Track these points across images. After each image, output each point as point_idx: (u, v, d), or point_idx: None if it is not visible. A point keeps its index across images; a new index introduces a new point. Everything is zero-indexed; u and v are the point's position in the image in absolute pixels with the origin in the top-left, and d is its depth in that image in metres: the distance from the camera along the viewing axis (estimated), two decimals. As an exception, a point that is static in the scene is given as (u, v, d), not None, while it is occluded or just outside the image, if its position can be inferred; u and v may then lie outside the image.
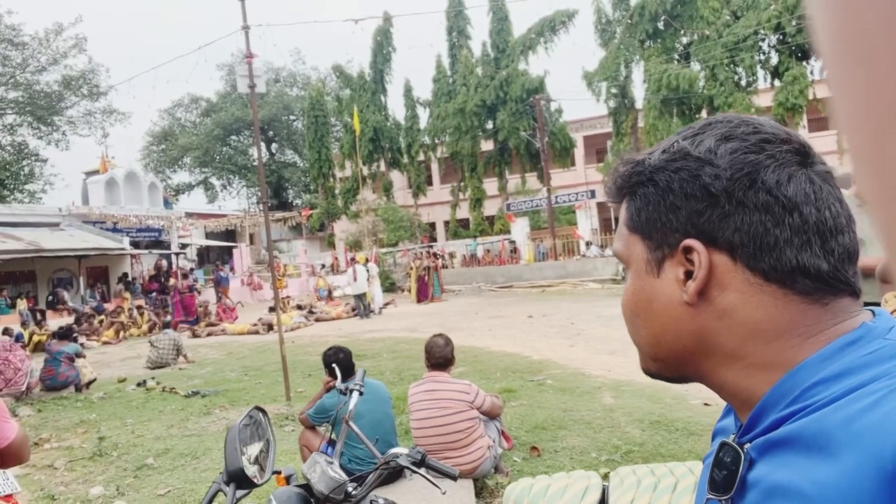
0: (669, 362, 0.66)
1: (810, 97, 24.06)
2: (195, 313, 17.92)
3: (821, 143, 27.84)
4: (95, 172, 26.85)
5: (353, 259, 19.37)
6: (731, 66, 25.18)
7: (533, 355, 8.74)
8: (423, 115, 35.14)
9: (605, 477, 2.19)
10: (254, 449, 1.47)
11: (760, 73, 25.57)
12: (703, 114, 26.07)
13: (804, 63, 24.48)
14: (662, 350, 0.65)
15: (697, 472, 1.92)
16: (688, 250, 0.61)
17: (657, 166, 0.64)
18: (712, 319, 0.61)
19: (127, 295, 20.09)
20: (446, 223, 36.88)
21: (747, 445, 0.60)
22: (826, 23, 0.24)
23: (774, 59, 25.30)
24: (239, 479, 1.29)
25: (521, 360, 8.51)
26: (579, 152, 34.80)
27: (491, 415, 4.10)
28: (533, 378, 7.21)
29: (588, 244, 24.91)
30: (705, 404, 5.63)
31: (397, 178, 36.90)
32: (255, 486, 1.42)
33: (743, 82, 25.62)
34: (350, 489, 1.99)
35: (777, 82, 25.03)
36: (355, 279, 16.62)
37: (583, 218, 26.06)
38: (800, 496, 0.51)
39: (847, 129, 0.25)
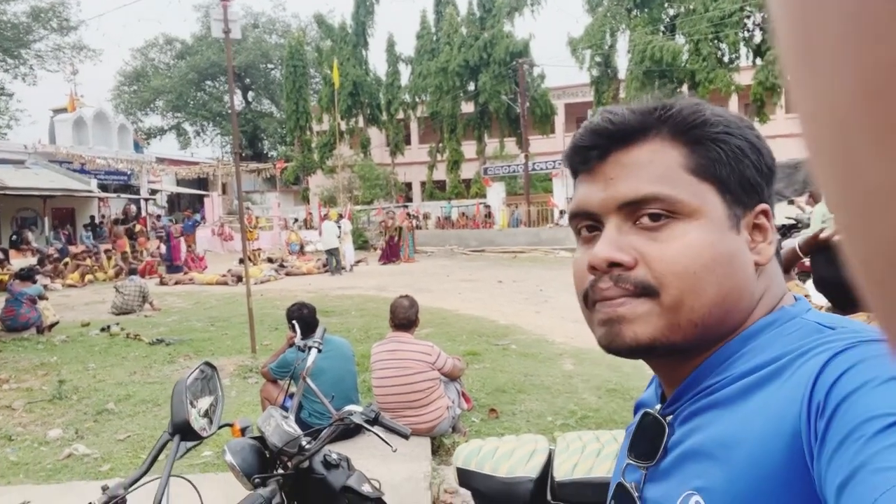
0: (711, 327, 0.61)
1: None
2: (179, 259, 17.68)
3: (797, 124, 28.19)
4: (63, 110, 25.97)
5: (325, 215, 19.20)
6: (716, 41, 25.15)
7: (500, 320, 8.86)
8: (405, 72, 34.53)
9: (553, 440, 2.26)
10: (203, 402, 1.49)
11: (743, 50, 25.60)
12: (685, 88, 26.11)
13: (787, 43, 24.50)
14: (720, 311, 0.60)
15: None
16: (764, 213, 0.65)
17: (728, 123, 0.64)
18: (762, 283, 0.64)
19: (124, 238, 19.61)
20: (423, 184, 36.69)
21: (669, 417, 0.64)
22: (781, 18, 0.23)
23: (758, 38, 25.31)
24: (184, 431, 1.31)
25: (488, 323, 8.62)
26: (559, 120, 34.64)
27: (451, 376, 4.18)
28: (498, 342, 7.33)
29: (562, 213, 25.04)
30: (661, 375, 5.80)
31: (375, 135, 36.41)
32: (202, 438, 1.44)
33: (725, 58, 25.64)
34: (304, 443, 2.03)
35: (759, 61, 25.10)
36: (320, 234, 16.56)
37: (559, 186, 26.12)
38: (709, 457, 0.56)
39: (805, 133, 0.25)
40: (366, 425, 1.98)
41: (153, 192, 28.02)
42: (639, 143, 0.64)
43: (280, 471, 2.04)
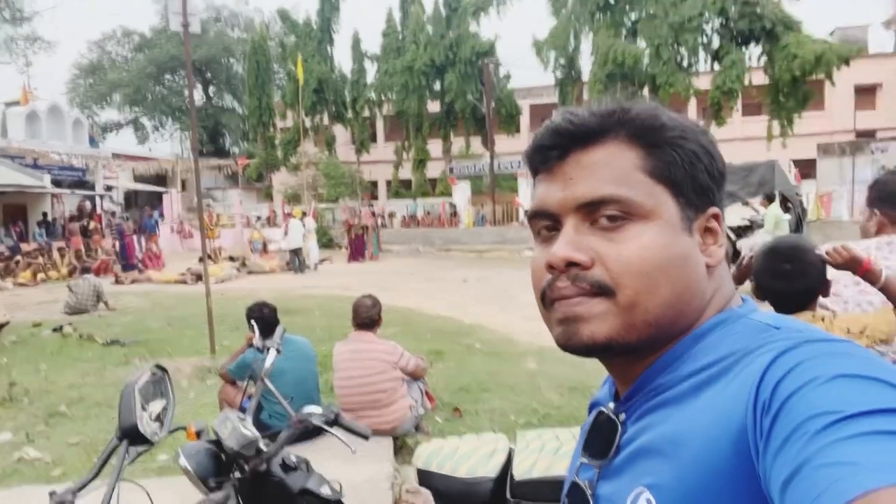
0: (665, 326, 0.62)
1: (746, 82, 24.84)
2: (133, 257, 17.22)
3: (753, 128, 28.95)
4: (16, 104, 25.14)
5: (289, 214, 18.95)
6: (675, 45, 25.65)
7: (465, 319, 8.88)
8: (371, 70, 34.32)
9: (514, 439, 2.27)
10: (154, 406, 1.45)
11: (702, 55, 26.18)
12: (646, 91, 26.55)
13: (743, 48, 25.20)
14: (673, 311, 0.62)
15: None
16: (715, 217, 0.66)
17: (683, 128, 0.65)
18: (713, 284, 0.65)
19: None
20: (388, 182, 36.53)
21: (622, 415, 0.65)
22: None
23: (716, 43, 25.90)
24: (133, 436, 1.28)
25: (453, 323, 8.64)
26: (525, 120, 34.88)
27: (415, 376, 4.18)
28: (462, 341, 7.35)
29: (527, 212, 25.23)
30: (622, 373, 5.88)
31: (340, 132, 36.09)
32: (152, 443, 1.41)
33: (685, 63, 26.17)
34: (262, 446, 1.99)
35: (717, 66, 25.70)
36: (286, 233, 16.35)
37: (524, 186, 26.29)
38: (659, 454, 0.57)
39: None
40: (325, 427, 1.96)
41: (109, 188, 27.23)
42: (598, 145, 0.65)
43: (237, 474, 2.00)
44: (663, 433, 0.58)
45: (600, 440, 0.67)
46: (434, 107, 32.73)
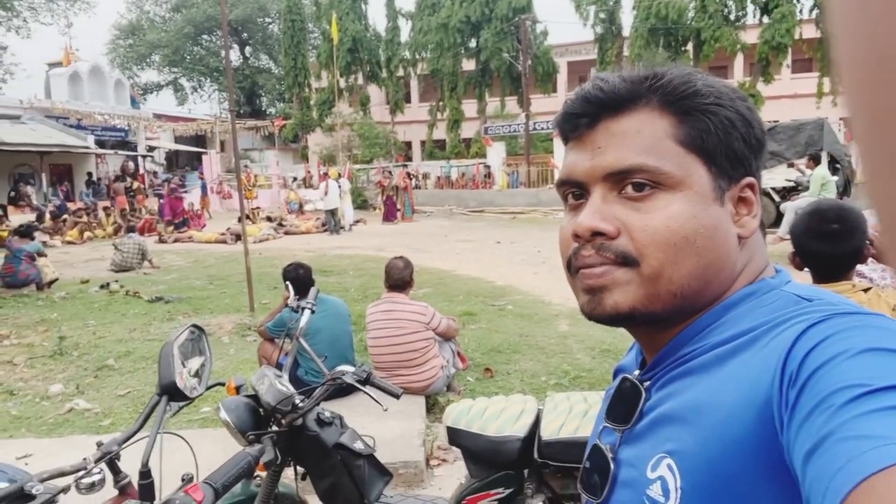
0: (690, 297, 0.62)
1: (796, 37, 23.77)
2: (182, 215, 17.67)
3: (803, 85, 27.79)
4: (58, 64, 25.59)
5: (325, 174, 19.06)
6: (723, -2, 24.61)
7: (497, 280, 8.90)
8: (405, 28, 33.88)
9: (543, 401, 2.30)
10: (193, 363, 1.51)
11: (750, 7, 25.06)
12: (689, 46, 25.64)
13: (794, 1, 24.02)
14: (700, 282, 0.61)
15: (626, 402, 2.04)
16: (750, 187, 0.65)
17: (718, 93, 0.64)
18: (745, 255, 0.65)
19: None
20: (422, 143, 36.35)
21: (647, 382, 0.66)
22: None
23: (766, -6, 24.76)
24: (172, 392, 1.34)
25: (485, 284, 8.67)
26: (562, 78, 34.12)
27: (446, 336, 4.23)
28: (494, 303, 7.38)
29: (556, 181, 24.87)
30: (655, 336, 5.85)
31: (375, 92, 35.91)
32: (190, 399, 1.47)
33: (732, 16, 25.11)
34: (297, 402, 2.06)
35: (765, 19, 24.59)
36: (326, 194, 16.49)
37: (559, 147, 25.82)
38: (681, 421, 0.58)
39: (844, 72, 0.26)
40: (357, 385, 2.02)
41: (151, 148, 27.79)
42: (628, 112, 0.64)
43: (274, 428, 2.09)
44: (687, 401, 0.59)
45: (623, 406, 0.68)
46: (469, 66, 32.23)
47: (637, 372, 0.70)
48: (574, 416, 1.97)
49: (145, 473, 1.35)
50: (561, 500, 1.97)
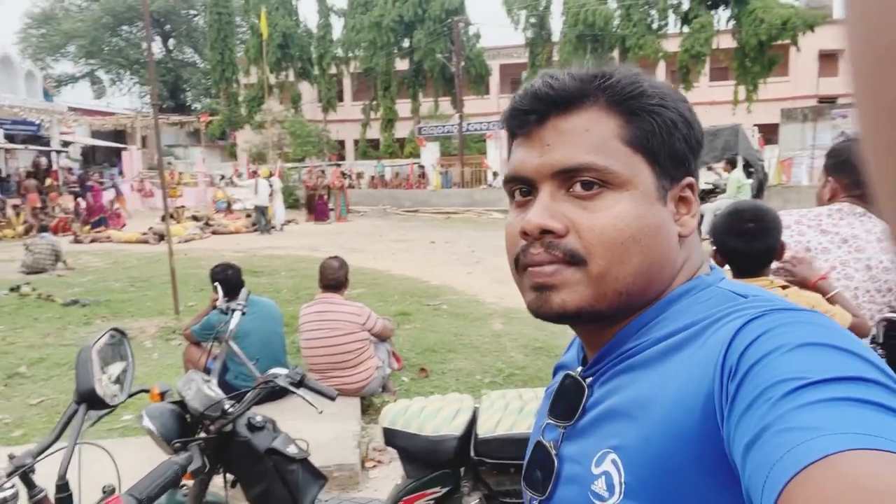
0: (635, 295, 0.63)
1: (714, 46, 24.96)
2: (100, 212, 16.75)
3: (719, 92, 29.22)
4: (-39, 53, 23.81)
5: (255, 172, 18.55)
6: (646, 7, 25.57)
7: (432, 280, 8.91)
8: (338, 25, 33.44)
9: (479, 399, 2.32)
10: (114, 369, 1.43)
11: (671, 17, 26.15)
12: (615, 53, 26.49)
13: (712, 12, 25.22)
14: (644, 280, 0.63)
15: (560, 398, 2.07)
16: (690, 187, 0.66)
17: (663, 95, 0.64)
18: (683, 252, 0.66)
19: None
20: (356, 142, 35.98)
21: (589, 379, 0.67)
22: None
23: (686, 5, 25.89)
24: (91, 400, 1.26)
25: (420, 284, 8.66)
26: (494, 81, 34.54)
27: (382, 337, 4.20)
28: (429, 302, 7.39)
29: (496, 174, 25.22)
30: (585, 334, 6.01)
31: (307, 90, 35.25)
32: (111, 407, 1.39)
33: (654, 25, 26.13)
34: (227, 407, 1.99)
35: (686, 28, 25.72)
36: (257, 192, 16.09)
37: (493, 148, 26.20)
38: (625, 416, 0.59)
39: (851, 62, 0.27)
40: (291, 388, 1.97)
41: (65, 143, 26.28)
42: (577, 110, 0.64)
43: (202, 435, 2.01)
44: (630, 396, 0.59)
45: (566, 402, 0.68)
46: (403, 65, 32.14)
47: (580, 368, 0.70)
48: (510, 412, 1.99)
49: (63, 486, 1.27)
50: (497, 497, 1.99)
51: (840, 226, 1.86)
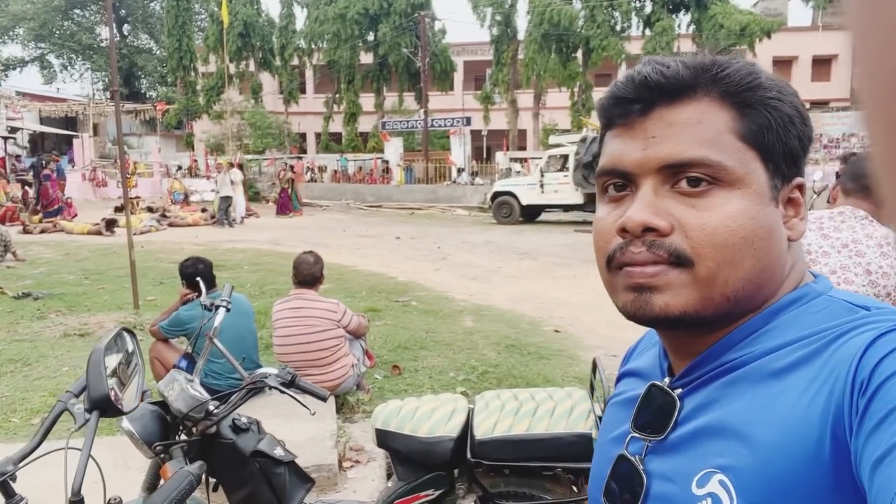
0: (742, 302, 0.59)
1: (675, 50, 25.47)
2: (57, 202, 16.09)
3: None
4: None
5: (231, 164, 18.07)
6: (610, 9, 25.92)
7: (399, 276, 8.84)
8: (301, 16, 32.90)
9: (471, 399, 2.28)
10: (115, 365, 1.33)
11: (634, 19, 26.58)
12: (579, 53, 26.78)
13: (674, 16, 25.74)
14: (753, 286, 0.58)
15: (556, 398, 2.05)
16: (799, 188, 0.62)
17: (780, 89, 0.60)
18: (790, 259, 0.62)
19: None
20: (318, 135, 35.50)
21: (679, 390, 0.62)
22: None
23: (648, 8, 26.35)
24: (104, 406, 1.16)
25: (388, 280, 8.58)
26: (458, 77, 34.56)
27: (357, 334, 4.12)
28: (398, 299, 7.32)
29: (460, 171, 25.24)
30: (556, 331, 6.04)
31: (268, 81, 34.58)
32: (122, 413, 1.30)
33: (618, 27, 26.52)
34: (212, 408, 1.90)
35: (648, 31, 26.18)
36: (232, 183, 15.85)
37: (457, 144, 26.23)
38: (734, 435, 0.55)
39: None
40: (282, 389, 1.89)
41: (13, 130, 25.18)
42: (686, 101, 0.59)
43: (183, 437, 1.91)
44: (738, 412, 0.55)
45: (651, 414, 0.64)
46: (367, 59, 31.86)
47: (667, 379, 0.66)
48: (506, 414, 1.96)
49: (77, 502, 1.17)
50: (493, 499, 1.95)
51: (841, 229, 1.88)
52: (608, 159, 0.63)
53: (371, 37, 31.19)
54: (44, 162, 17.58)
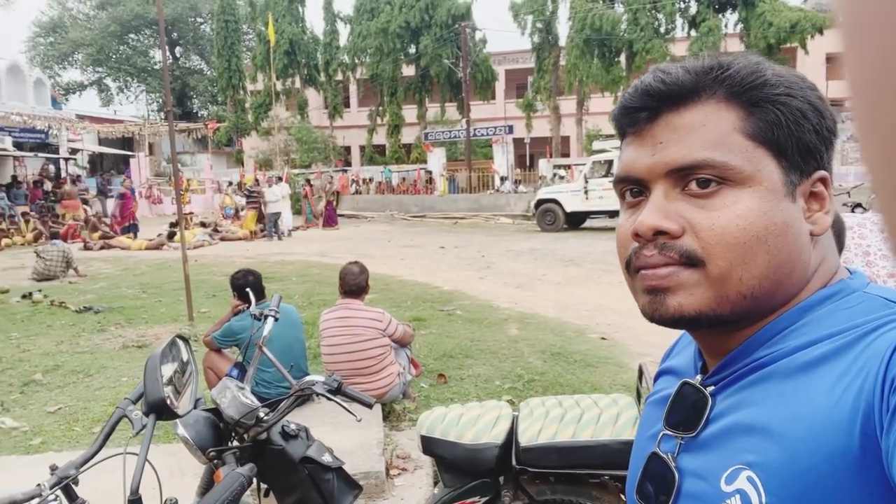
0: (761, 298, 0.59)
1: (722, 50, 24.90)
2: (130, 218, 16.88)
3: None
4: (-29, 62, 23.97)
5: (279, 178, 18.58)
6: (653, 11, 25.55)
7: (443, 285, 8.87)
8: (344, 32, 33.57)
9: (515, 406, 2.27)
10: (171, 374, 1.39)
11: (679, 21, 26.12)
12: (622, 58, 26.46)
13: (720, 15, 25.18)
14: (770, 283, 0.58)
15: (602, 405, 2.03)
16: (822, 181, 0.62)
17: (789, 84, 0.60)
18: (818, 254, 0.61)
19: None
20: (362, 148, 36.06)
21: (710, 388, 0.63)
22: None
23: (693, 9, 25.87)
24: (160, 410, 1.22)
25: (432, 289, 8.62)
26: (500, 86, 34.59)
27: (402, 343, 4.16)
28: (443, 308, 7.34)
29: (503, 179, 25.21)
30: (602, 338, 5.95)
31: (313, 96, 35.37)
32: (177, 416, 1.35)
33: (662, 29, 26.11)
34: (262, 415, 1.95)
35: (693, 32, 25.69)
36: (283, 196, 16.33)
37: (499, 153, 26.22)
38: (764, 432, 0.54)
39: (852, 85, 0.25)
40: (329, 395, 1.92)
41: (73, 151, 26.40)
42: (692, 105, 0.60)
43: (235, 443, 1.97)
44: (768, 409, 0.55)
45: (684, 412, 0.64)
46: (409, 71, 32.23)
47: (699, 377, 0.66)
48: (551, 420, 1.95)
49: (135, 502, 1.23)
50: (539, 507, 1.94)
51: (870, 237, 1.81)
52: (622, 167, 0.65)
53: (413, 49, 31.55)
54: (118, 181, 18.44)
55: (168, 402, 1.24)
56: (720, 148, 0.58)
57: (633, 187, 0.64)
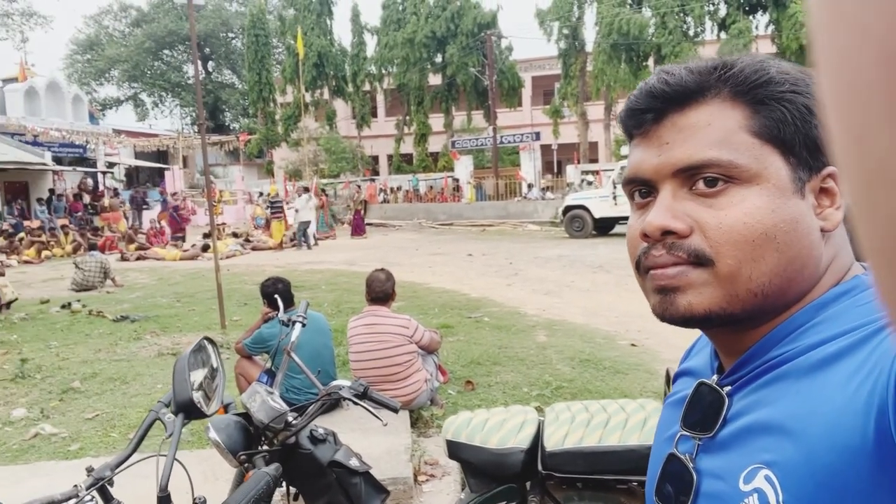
0: (772, 296, 0.58)
1: (753, 51, 24.49)
2: (182, 229, 17.41)
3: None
4: (14, 80, 24.85)
5: (305, 188, 18.82)
6: (682, 14, 25.29)
7: (471, 293, 8.88)
8: (371, 43, 33.95)
9: (541, 411, 2.27)
10: (205, 380, 1.43)
11: (708, 24, 25.80)
12: (651, 62, 26.23)
13: (750, 17, 24.80)
14: (781, 280, 0.58)
15: (629, 410, 2.02)
16: (832, 177, 0.61)
17: (794, 80, 0.61)
18: (830, 250, 0.61)
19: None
20: (389, 157, 36.33)
21: (727, 388, 0.63)
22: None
23: (723, 11, 25.53)
24: (188, 410, 1.26)
25: (460, 296, 8.63)
26: (527, 93, 34.57)
27: (429, 349, 4.17)
28: (470, 315, 7.35)
29: (530, 186, 25.14)
30: (632, 345, 5.89)
31: (341, 107, 35.79)
32: (204, 416, 1.39)
33: (691, 32, 25.81)
34: (290, 419, 1.99)
35: (723, 34, 25.34)
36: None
37: (526, 160, 26.17)
38: (780, 431, 0.54)
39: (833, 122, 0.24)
40: (355, 400, 1.95)
41: (111, 164, 27.12)
42: (696, 105, 0.61)
43: (265, 447, 2.00)
44: (784, 408, 0.55)
45: (701, 412, 0.64)
46: (435, 80, 32.42)
47: (715, 377, 0.66)
48: (577, 425, 1.94)
49: (164, 499, 1.27)
50: (565, 512, 1.93)
51: None
52: (630, 168, 0.66)
53: (439, 58, 31.74)
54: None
55: (196, 401, 1.27)
56: (726, 147, 0.59)
57: (642, 188, 0.65)
